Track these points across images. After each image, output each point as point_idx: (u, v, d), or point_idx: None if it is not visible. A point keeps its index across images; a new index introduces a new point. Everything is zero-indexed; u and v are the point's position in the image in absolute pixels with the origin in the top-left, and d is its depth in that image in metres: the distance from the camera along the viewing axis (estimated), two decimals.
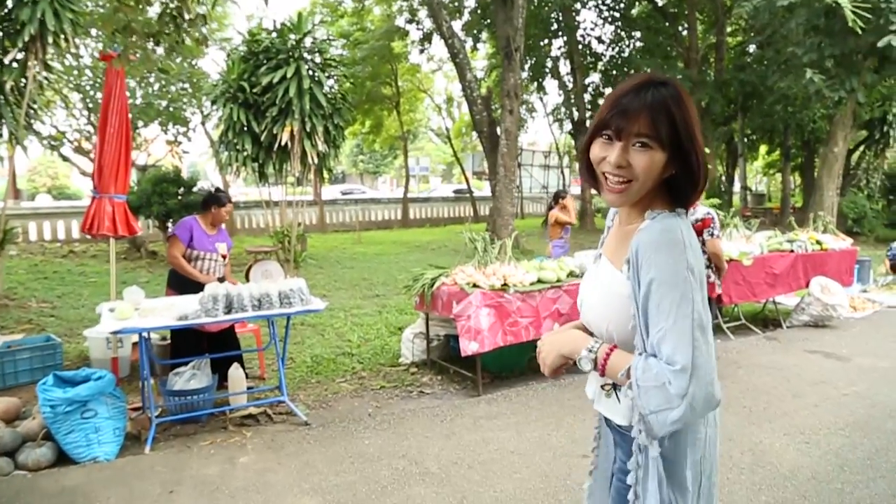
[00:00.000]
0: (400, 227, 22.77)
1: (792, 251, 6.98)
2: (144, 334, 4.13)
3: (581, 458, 3.68)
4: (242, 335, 5.64)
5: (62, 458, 3.81)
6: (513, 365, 5.54)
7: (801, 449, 3.76)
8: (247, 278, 5.09)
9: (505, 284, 4.97)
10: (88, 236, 4.68)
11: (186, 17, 4.26)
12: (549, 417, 4.36)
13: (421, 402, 4.82)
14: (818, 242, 7.30)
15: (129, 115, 4.86)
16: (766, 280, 6.62)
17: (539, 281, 5.20)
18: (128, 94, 14.66)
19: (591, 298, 1.54)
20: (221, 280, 5.19)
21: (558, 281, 5.26)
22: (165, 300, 4.62)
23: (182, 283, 5.03)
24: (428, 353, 5.75)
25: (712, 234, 5.00)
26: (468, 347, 4.70)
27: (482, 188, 30.92)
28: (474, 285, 4.96)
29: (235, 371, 4.69)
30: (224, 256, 5.23)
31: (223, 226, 5.37)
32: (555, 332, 1.58)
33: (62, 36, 7.12)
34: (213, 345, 5.06)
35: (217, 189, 5.29)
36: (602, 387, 1.53)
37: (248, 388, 5.16)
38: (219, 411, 4.54)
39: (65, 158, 15.99)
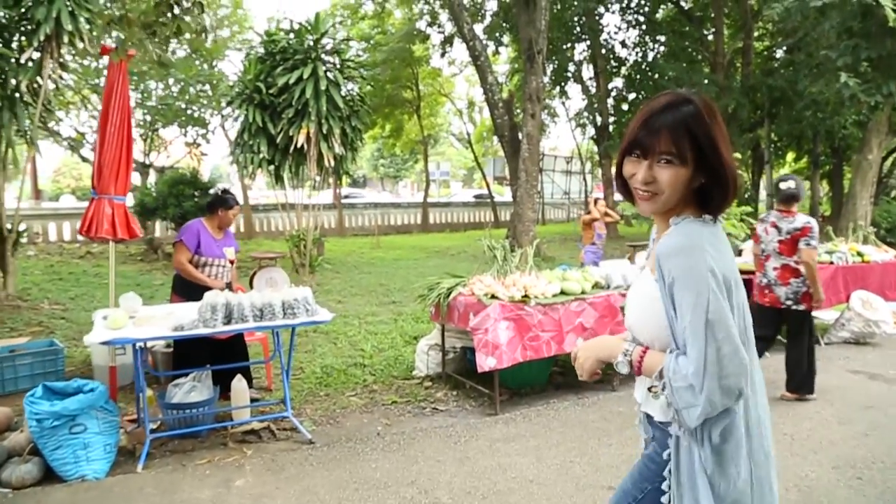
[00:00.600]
0: (420, 232, 22.52)
1: (831, 263, 6.57)
2: (140, 344, 3.88)
3: (607, 490, 3.35)
4: (250, 343, 5.38)
5: (49, 475, 3.57)
6: (533, 381, 5.22)
7: (854, 486, 3.39)
8: (250, 285, 4.84)
9: (526, 296, 4.65)
10: (83, 238, 4.48)
11: (184, 4, 4.02)
12: (571, 441, 4.03)
13: (434, 421, 4.51)
14: (859, 254, 6.87)
15: (132, 113, 4.62)
16: None
17: (562, 292, 4.88)
18: (144, 95, 14.68)
19: (632, 305, 1.65)
20: (229, 286, 4.96)
21: (583, 293, 4.93)
22: (164, 308, 4.38)
23: (188, 289, 4.79)
24: (443, 367, 5.45)
25: (808, 244, 4.69)
26: (485, 363, 4.39)
27: (503, 193, 30.59)
28: (493, 296, 4.65)
29: (238, 383, 4.43)
30: (232, 262, 4.99)
31: (230, 229, 5.14)
32: (590, 340, 1.72)
33: (77, 36, 7.01)
34: (219, 353, 4.82)
35: (224, 191, 5.07)
36: (650, 389, 1.58)
37: (254, 399, 4.91)
38: (220, 427, 4.28)
39: (84, 159, 15.99)
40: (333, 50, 10.42)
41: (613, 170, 1.66)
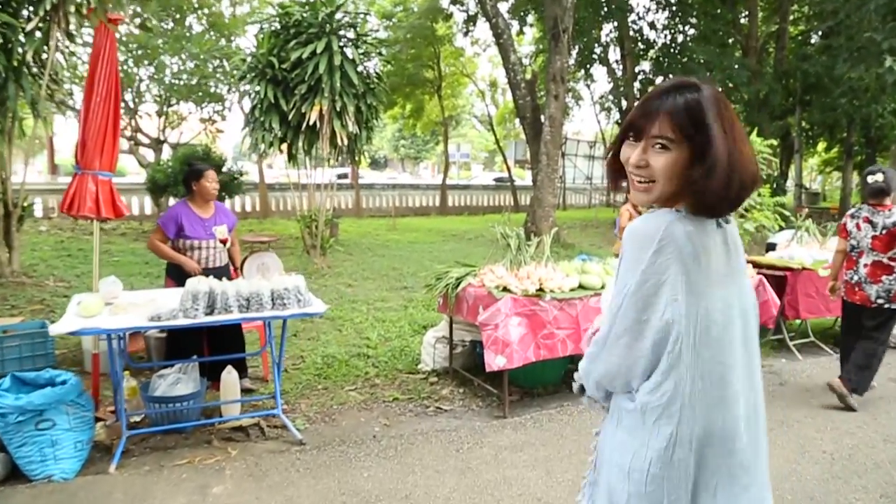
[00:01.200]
0: (438, 215, 22.13)
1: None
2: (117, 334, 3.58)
3: None
4: (247, 331, 5.07)
5: (16, 473, 3.29)
6: (547, 380, 4.85)
7: None
8: (241, 272, 4.52)
9: (540, 289, 4.27)
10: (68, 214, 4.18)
11: None
12: (585, 453, 3.63)
13: (436, 422, 4.17)
14: None
15: (119, 83, 4.29)
16: None
17: (581, 286, 4.48)
18: (157, 69, 14.37)
19: None
20: (221, 269, 4.61)
21: (603, 287, 4.54)
22: (147, 294, 4.07)
23: (180, 273, 4.48)
24: (450, 361, 5.09)
25: None
26: (494, 362, 4.03)
27: (524, 177, 30.06)
28: (505, 289, 4.28)
29: (228, 375, 4.12)
30: (224, 241, 4.63)
31: (224, 204, 4.81)
32: None
33: (85, 5, 6.72)
34: (214, 341, 4.52)
35: (190, 163, 4.74)
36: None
37: (248, 390, 4.62)
38: (205, 423, 3.98)
39: None
40: (349, 24, 10.01)
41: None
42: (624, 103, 19.65)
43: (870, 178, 4.46)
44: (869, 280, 4.48)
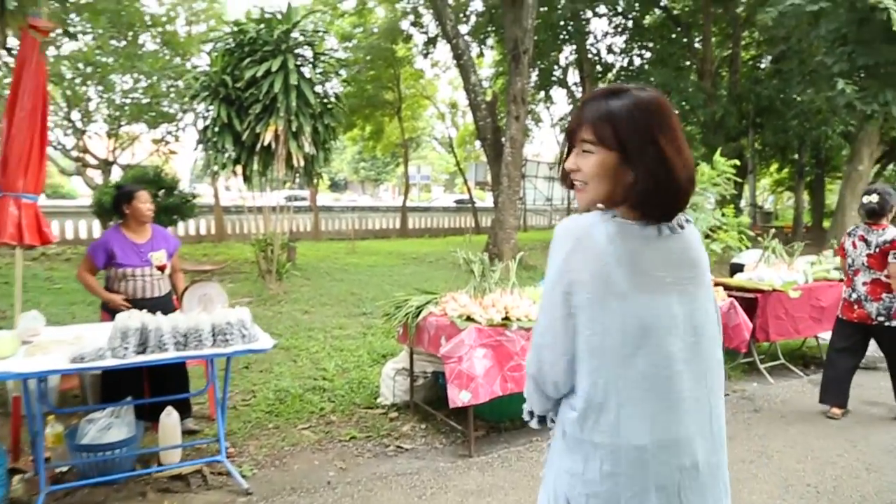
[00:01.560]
0: (398, 237, 21.85)
1: (841, 280, 6.03)
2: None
3: None
4: (193, 366, 4.68)
5: None
6: (514, 413, 4.57)
7: None
8: (180, 304, 4.16)
9: (506, 318, 4.02)
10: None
11: None
12: None
13: (397, 464, 3.85)
14: None
15: (47, 96, 3.93)
16: (812, 314, 5.67)
17: None
18: (106, 88, 13.87)
19: None
20: (160, 300, 4.22)
21: None
22: (72, 330, 3.67)
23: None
24: (411, 395, 4.79)
25: None
26: (458, 397, 3.75)
27: (485, 199, 30.01)
28: (468, 318, 4.02)
29: (167, 418, 3.74)
30: (162, 268, 4.23)
31: (173, 228, 4.46)
32: None
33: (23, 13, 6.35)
34: (156, 379, 4.14)
35: (118, 185, 4.41)
36: None
37: (191, 432, 4.24)
38: (141, 473, 3.59)
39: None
40: (306, 42, 9.74)
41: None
42: None
43: (865, 199, 4.55)
44: (869, 297, 4.53)
